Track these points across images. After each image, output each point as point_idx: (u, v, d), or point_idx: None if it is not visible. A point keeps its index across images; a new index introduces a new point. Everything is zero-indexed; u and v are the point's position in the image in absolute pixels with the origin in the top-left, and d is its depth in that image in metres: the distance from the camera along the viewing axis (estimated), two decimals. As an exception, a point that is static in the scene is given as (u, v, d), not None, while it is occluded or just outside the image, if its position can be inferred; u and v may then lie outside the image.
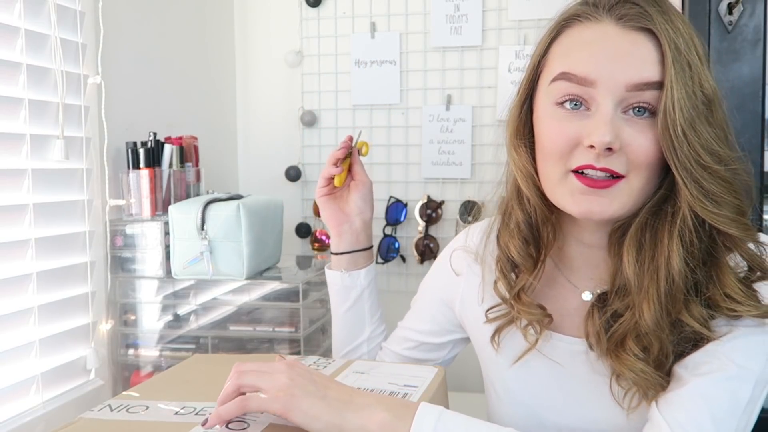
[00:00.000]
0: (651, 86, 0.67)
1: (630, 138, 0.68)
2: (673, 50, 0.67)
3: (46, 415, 1.13)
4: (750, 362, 0.66)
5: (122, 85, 1.38)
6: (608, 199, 0.69)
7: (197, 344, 1.35)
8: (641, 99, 0.68)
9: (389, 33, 1.78)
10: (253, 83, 1.89)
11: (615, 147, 0.67)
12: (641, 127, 0.68)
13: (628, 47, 0.68)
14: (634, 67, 0.67)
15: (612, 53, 0.68)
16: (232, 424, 0.65)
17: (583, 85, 0.69)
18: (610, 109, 0.68)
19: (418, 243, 1.76)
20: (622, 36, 0.68)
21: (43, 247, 1.15)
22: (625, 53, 0.68)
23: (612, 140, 0.67)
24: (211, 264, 1.28)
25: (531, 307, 0.76)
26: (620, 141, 0.68)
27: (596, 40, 0.69)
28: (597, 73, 0.68)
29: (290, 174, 1.85)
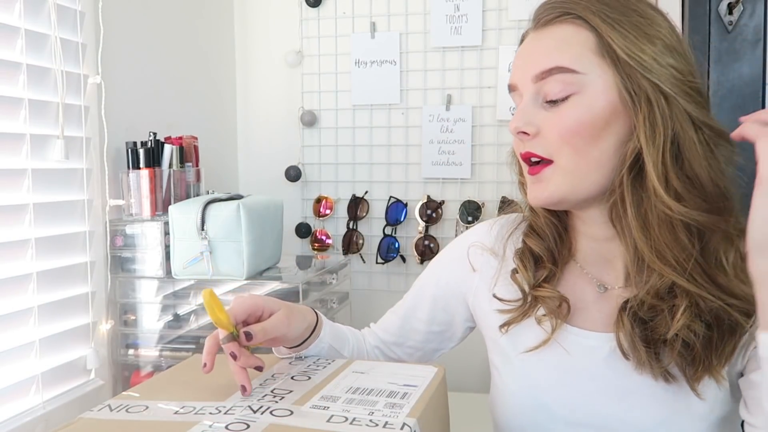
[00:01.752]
0: (549, 72, 0.73)
1: (544, 121, 0.74)
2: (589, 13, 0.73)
3: (46, 415, 1.13)
4: None
5: (122, 85, 1.38)
6: (543, 183, 0.76)
7: (197, 344, 1.35)
8: (548, 88, 0.74)
9: (389, 33, 1.78)
10: (253, 83, 1.90)
11: (529, 130, 0.75)
12: (556, 110, 0.74)
13: (533, 45, 0.77)
14: (533, 61, 0.75)
15: (523, 55, 0.78)
16: (233, 425, 0.65)
17: (514, 91, 0.79)
18: (527, 101, 0.76)
19: (418, 243, 1.76)
20: (533, 38, 0.77)
21: (43, 247, 1.15)
22: (529, 53, 0.77)
23: (520, 124, 0.75)
24: (211, 264, 1.28)
25: (553, 294, 0.79)
26: (535, 126, 0.75)
27: (519, 51, 0.79)
28: (515, 76, 0.78)
29: (290, 174, 1.85)
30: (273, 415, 0.67)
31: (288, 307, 0.82)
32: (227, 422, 0.65)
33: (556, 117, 0.74)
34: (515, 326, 0.83)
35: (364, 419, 0.67)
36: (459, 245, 0.95)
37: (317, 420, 0.66)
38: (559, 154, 0.74)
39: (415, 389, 0.74)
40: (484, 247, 0.90)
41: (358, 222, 1.82)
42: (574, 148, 0.73)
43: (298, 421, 0.66)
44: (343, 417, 0.67)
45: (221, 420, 0.66)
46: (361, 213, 1.81)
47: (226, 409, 0.69)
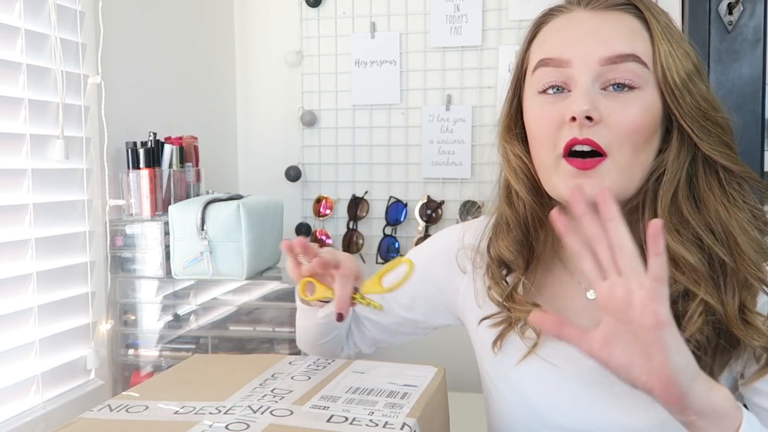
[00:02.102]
0: (624, 59, 0.70)
1: (609, 109, 0.69)
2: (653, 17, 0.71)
3: (46, 415, 1.13)
4: None
5: (122, 85, 1.38)
6: (598, 179, 0.69)
7: (197, 344, 1.35)
8: (617, 74, 0.70)
9: (389, 33, 1.78)
10: (253, 83, 1.90)
11: (594, 116, 0.69)
12: (621, 100, 0.70)
13: (597, 25, 0.72)
14: (604, 41, 0.70)
15: (582, 32, 0.72)
16: (233, 425, 0.65)
17: (560, 67, 0.72)
18: (587, 82, 0.70)
19: (418, 243, 1.76)
20: (591, 17, 0.73)
21: (43, 247, 1.15)
22: (594, 31, 0.72)
23: (590, 108, 0.68)
24: (211, 264, 1.28)
25: (525, 306, 0.76)
26: (599, 112, 0.69)
27: (567, 26, 0.74)
28: (570, 52, 0.71)
29: (290, 174, 1.85)
30: (273, 415, 0.67)
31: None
32: (227, 422, 0.65)
33: (623, 108, 0.69)
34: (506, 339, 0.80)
35: (364, 419, 0.67)
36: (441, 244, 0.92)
37: (317, 420, 0.66)
38: (618, 149, 0.69)
39: (415, 389, 0.74)
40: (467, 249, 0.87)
41: (358, 222, 1.82)
42: (633, 144, 0.69)
43: (298, 421, 0.66)
44: (343, 417, 0.67)
45: (221, 420, 0.66)
46: (361, 213, 1.81)
47: (226, 408, 0.69)
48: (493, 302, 0.80)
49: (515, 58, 0.81)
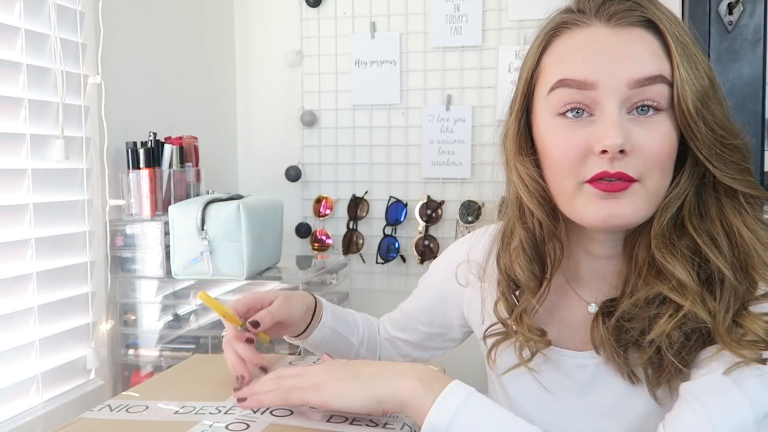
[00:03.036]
0: (653, 80, 0.66)
1: (640, 138, 0.66)
2: (674, 37, 0.67)
3: (46, 415, 1.13)
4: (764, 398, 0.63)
5: (122, 85, 1.38)
6: (628, 201, 0.67)
7: (197, 344, 1.35)
8: (645, 96, 0.66)
9: (389, 33, 1.78)
10: (253, 83, 1.90)
11: (627, 149, 0.65)
12: (650, 126, 0.66)
13: (623, 45, 0.67)
14: (632, 63, 0.66)
15: (608, 53, 0.67)
16: (233, 425, 0.65)
17: (583, 90, 0.67)
18: (615, 110, 0.66)
19: (418, 243, 1.76)
20: (614, 35, 0.67)
21: (43, 247, 1.15)
22: (621, 51, 0.67)
23: (624, 141, 0.64)
24: (211, 264, 1.28)
25: (532, 331, 0.74)
26: (630, 143, 0.65)
27: (589, 43, 0.68)
28: (596, 74, 0.66)
29: (290, 174, 1.85)
30: (273, 415, 0.67)
31: (285, 294, 0.86)
32: (227, 422, 0.65)
33: (651, 134, 0.66)
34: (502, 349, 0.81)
35: (364, 419, 0.67)
36: (450, 257, 0.93)
37: (317, 420, 0.66)
38: (649, 175, 0.66)
39: (415, 389, 0.74)
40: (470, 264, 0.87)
41: (358, 222, 1.82)
42: (663, 169, 0.67)
43: (298, 421, 0.66)
44: (343, 417, 0.67)
45: (221, 420, 0.66)
46: (361, 213, 1.81)
47: (226, 408, 0.69)
48: (497, 318, 0.79)
49: (522, 70, 0.75)
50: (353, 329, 0.96)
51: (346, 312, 0.98)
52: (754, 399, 0.62)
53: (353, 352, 0.97)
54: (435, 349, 0.99)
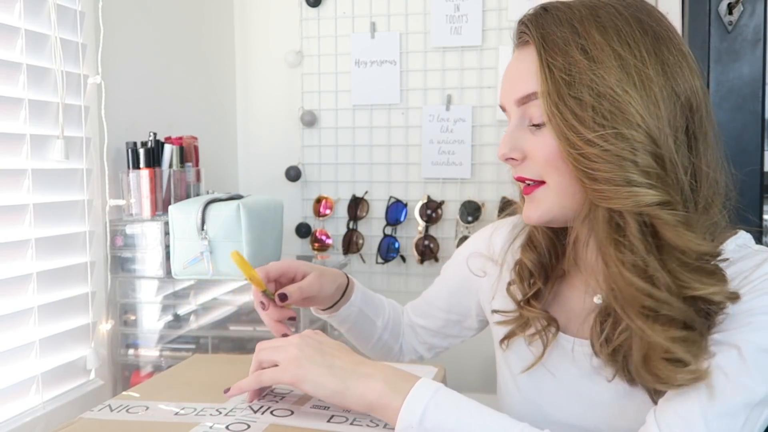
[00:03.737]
0: (529, 98, 0.71)
1: (530, 145, 0.72)
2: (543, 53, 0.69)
3: (46, 415, 1.13)
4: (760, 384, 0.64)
5: (122, 85, 1.38)
6: (535, 203, 0.74)
7: (197, 344, 1.35)
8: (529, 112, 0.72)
9: (389, 33, 1.78)
10: (253, 83, 1.89)
11: (515, 155, 0.73)
12: (539, 135, 0.72)
13: (512, 67, 0.75)
14: (514, 84, 0.73)
15: (507, 77, 0.76)
16: (233, 426, 0.65)
17: (504, 111, 0.77)
18: (512, 125, 0.74)
19: (418, 243, 1.76)
20: (515, 59, 0.75)
21: (43, 247, 1.15)
22: (509, 73, 0.75)
23: (507, 151, 0.74)
24: (211, 264, 1.28)
25: (539, 314, 0.79)
26: (520, 151, 0.73)
27: (505, 71, 0.77)
28: (502, 99, 0.76)
29: (290, 174, 1.85)
30: (273, 415, 0.67)
31: (319, 269, 0.90)
32: (228, 423, 0.65)
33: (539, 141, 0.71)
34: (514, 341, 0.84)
35: (364, 419, 0.67)
36: (471, 246, 0.97)
37: (318, 420, 0.66)
38: (549, 176, 0.72)
39: (416, 389, 0.74)
40: (482, 255, 0.92)
41: (358, 222, 1.82)
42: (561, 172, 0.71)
43: (299, 422, 0.66)
44: (343, 417, 0.67)
45: (222, 421, 0.66)
46: (361, 213, 1.81)
47: (227, 410, 0.69)
48: (511, 298, 0.83)
49: None
50: (379, 312, 1.00)
51: (375, 296, 1.02)
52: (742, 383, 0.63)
53: (376, 334, 1.00)
54: (453, 337, 1.02)
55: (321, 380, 0.67)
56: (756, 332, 0.65)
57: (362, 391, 0.67)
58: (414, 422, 0.64)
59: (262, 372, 0.70)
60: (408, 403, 0.65)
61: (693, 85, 0.69)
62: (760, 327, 0.65)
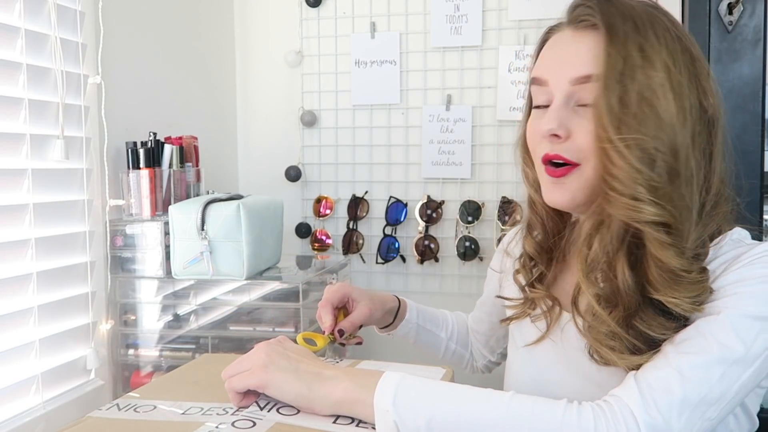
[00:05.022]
0: (588, 79, 0.73)
1: (575, 126, 0.74)
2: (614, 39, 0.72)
3: (46, 415, 1.12)
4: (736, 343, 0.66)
5: (122, 85, 1.38)
6: (564, 186, 0.76)
7: (197, 344, 1.35)
8: (583, 94, 0.74)
9: (389, 33, 1.78)
10: (253, 83, 1.89)
11: (560, 133, 0.74)
12: (586, 117, 0.74)
13: (571, 46, 0.76)
14: (573, 63, 0.75)
15: (560, 53, 0.77)
16: (239, 423, 0.64)
17: (542, 86, 0.78)
18: (558, 101, 0.75)
19: (418, 243, 1.76)
20: (571, 37, 0.77)
21: (43, 247, 1.14)
22: (567, 52, 0.76)
23: (555, 127, 0.74)
24: (211, 264, 1.28)
25: (543, 295, 0.84)
26: (566, 129, 0.74)
27: (553, 46, 0.79)
28: (548, 73, 0.77)
29: (290, 174, 1.85)
30: (279, 413, 0.67)
31: (369, 298, 1.00)
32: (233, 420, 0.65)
33: (586, 122, 0.73)
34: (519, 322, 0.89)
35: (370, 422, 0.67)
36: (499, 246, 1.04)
37: (323, 420, 0.66)
38: (586, 161, 0.74)
39: (421, 389, 0.74)
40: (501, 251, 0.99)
41: (358, 222, 1.82)
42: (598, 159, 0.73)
43: (304, 421, 0.66)
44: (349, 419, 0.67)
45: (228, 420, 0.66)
46: (361, 213, 1.81)
47: (233, 410, 0.69)
48: (517, 284, 0.89)
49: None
50: (441, 325, 1.10)
51: (436, 311, 1.12)
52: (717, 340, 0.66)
53: (443, 345, 1.10)
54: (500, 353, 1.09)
55: (286, 385, 0.70)
56: (739, 300, 0.68)
57: (327, 392, 0.69)
58: (388, 404, 0.67)
59: (232, 379, 0.72)
60: (379, 390, 0.68)
61: (716, 104, 0.75)
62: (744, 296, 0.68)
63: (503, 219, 1.70)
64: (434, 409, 0.67)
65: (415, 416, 0.66)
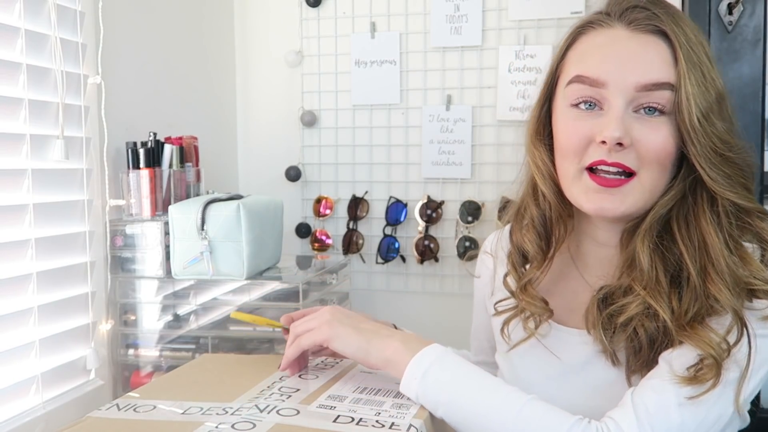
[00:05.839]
0: (660, 87, 0.72)
1: (640, 134, 0.72)
2: (685, 50, 0.72)
3: (46, 415, 1.12)
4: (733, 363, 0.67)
5: (122, 85, 1.38)
6: (620, 197, 0.74)
7: (197, 344, 1.35)
8: (651, 99, 0.72)
9: (389, 33, 1.78)
10: (253, 83, 1.89)
11: (625, 142, 0.72)
12: (652, 125, 0.73)
13: (637, 49, 0.73)
14: (642, 68, 0.72)
15: (622, 56, 0.73)
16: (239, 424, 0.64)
17: (595, 87, 0.74)
18: (621, 107, 0.72)
19: (418, 243, 1.76)
20: (631, 39, 0.74)
21: (43, 247, 1.14)
22: (634, 55, 0.73)
23: (622, 135, 0.71)
24: (211, 264, 1.28)
25: (535, 300, 0.81)
26: (630, 137, 0.72)
27: (608, 44, 0.75)
28: (608, 75, 0.73)
29: (290, 174, 1.85)
30: (279, 415, 0.67)
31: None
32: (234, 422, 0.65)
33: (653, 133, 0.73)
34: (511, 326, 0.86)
35: (370, 420, 0.67)
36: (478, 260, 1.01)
37: (323, 420, 0.66)
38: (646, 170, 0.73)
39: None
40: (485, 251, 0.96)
41: (358, 222, 1.82)
42: (660, 166, 0.73)
43: (304, 421, 0.66)
44: (349, 417, 0.67)
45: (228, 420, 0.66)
46: (361, 213, 1.81)
47: (233, 410, 0.69)
48: (506, 289, 0.86)
49: (550, 62, 0.82)
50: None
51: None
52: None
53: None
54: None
55: (349, 338, 0.76)
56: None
57: (382, 347, 0.75)
58: (418, 375, 0.71)
59: (300, 338, 0.79)
60: (416, 359, 0.72)
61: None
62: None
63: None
64: (456, 395, 0.70)
65: (436, 395, 0.70)
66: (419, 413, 0.70)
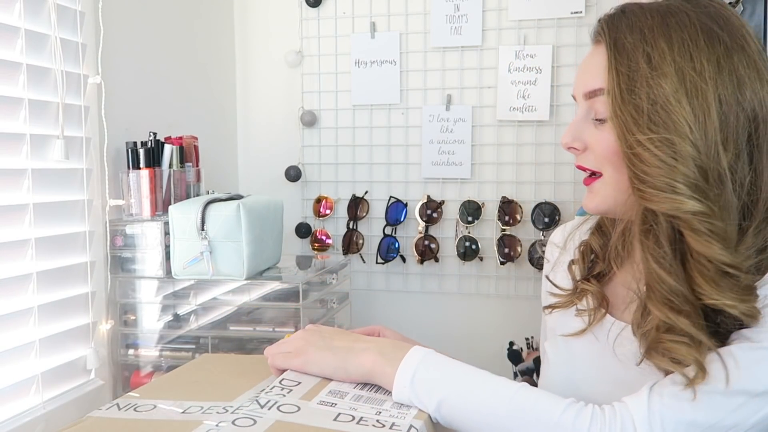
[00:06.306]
0: (595, 93, 0.77)
1: (591, 139, 0.78)
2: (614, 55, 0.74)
3: (46, 415, 1.12)
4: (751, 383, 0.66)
5: (122, 85, 1.38)
6: (591, 194, 0.80)
7: (197, 344, 1.35)
8: (593, 106, 0.77)
9: (389, 33, 1.78)
10: (253, 83, 1.89)
11: (577, 146, 0.79)
12: (600, 130, 0.77)
13: (586, 60, 0.80)
14: (584, 78, 0.79)
15: (579, 69, 0.81)
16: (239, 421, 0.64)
17: (576, 101, 0.82)
18: (578, 116, 0.80)
19: (418, 243, 1.76)
20: (590, 53, 0.80)
21: (43, 247, 1.14)
22: (582, 66, 0.80)
23: (569, 141, 0.80)
24: (211, 264, 1.28)
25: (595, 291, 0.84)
26: (582, 141, 0.79)
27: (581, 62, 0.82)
28: (574, 89, 0.82)
29: (290, 174, 1.85)
30: (280, 411, 0.67)
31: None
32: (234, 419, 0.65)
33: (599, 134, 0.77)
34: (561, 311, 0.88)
35: (371, 419, 0.67)
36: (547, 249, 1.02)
37: (324, 418, 0.66)
38: (606, 168, 0.77)
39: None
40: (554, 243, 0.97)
41: (358, 222, 1.82)
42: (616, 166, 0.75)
43: (305, 419, 0.66)
44: (350, 416, 0.67)
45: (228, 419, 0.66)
46: (361, 213, 1.81)
47: (233, 408, 0.69)
48: (570, 275, 0.89)
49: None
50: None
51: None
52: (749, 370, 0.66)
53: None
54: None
55: (323, 361, 0.77)
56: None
57: (360, 362, 0.76)
58: (407, 382, 0.72)
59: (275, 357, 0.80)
60: (401, 368, 0.73)
61: (762, 97, 0.71)
62: None
63: (503, 219, 1.70)
64: (446, 393, 0.71)
65: (428, 397, 0.71)
66: (420, 414, 0.70)
